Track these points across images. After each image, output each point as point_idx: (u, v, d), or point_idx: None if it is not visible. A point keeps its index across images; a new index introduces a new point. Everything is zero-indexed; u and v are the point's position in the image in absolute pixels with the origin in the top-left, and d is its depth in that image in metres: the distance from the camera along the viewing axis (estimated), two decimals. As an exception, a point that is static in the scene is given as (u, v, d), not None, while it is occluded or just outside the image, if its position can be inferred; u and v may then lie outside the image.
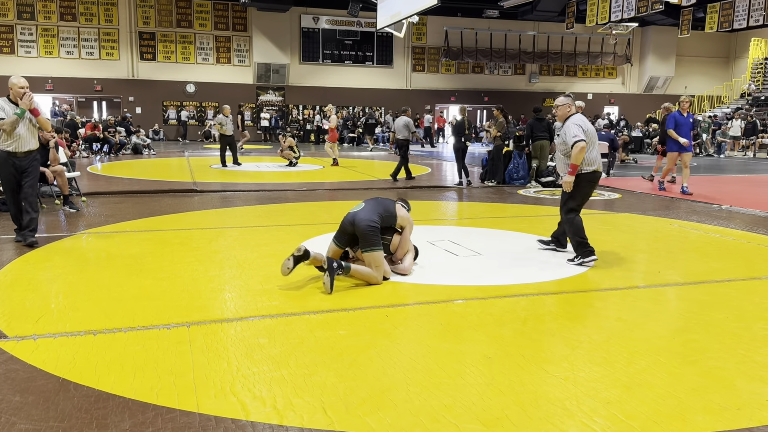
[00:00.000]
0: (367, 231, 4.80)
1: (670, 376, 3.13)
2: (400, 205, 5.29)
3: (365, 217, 4.85)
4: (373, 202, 5.12)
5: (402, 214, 5.17)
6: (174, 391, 2.89)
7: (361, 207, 5.03)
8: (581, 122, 5.48)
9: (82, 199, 9.02)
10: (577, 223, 5.55)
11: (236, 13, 28.20)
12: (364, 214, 4.89)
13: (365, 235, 4.80)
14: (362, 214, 4.89)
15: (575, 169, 5.41)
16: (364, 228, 4.80)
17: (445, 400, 2.82)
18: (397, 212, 5.12)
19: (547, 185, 11.81)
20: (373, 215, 4.89)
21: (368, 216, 4.86)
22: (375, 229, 4.82)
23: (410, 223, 5.24)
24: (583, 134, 5.37)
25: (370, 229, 4.80)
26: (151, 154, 19.26)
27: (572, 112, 5.60)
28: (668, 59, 33.10)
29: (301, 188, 11.20)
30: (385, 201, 5.21)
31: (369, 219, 4.84)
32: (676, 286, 4.94)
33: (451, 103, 31.55)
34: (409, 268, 5.12)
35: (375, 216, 4.89)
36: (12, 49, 25.78)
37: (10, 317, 3.89)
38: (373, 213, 4.92)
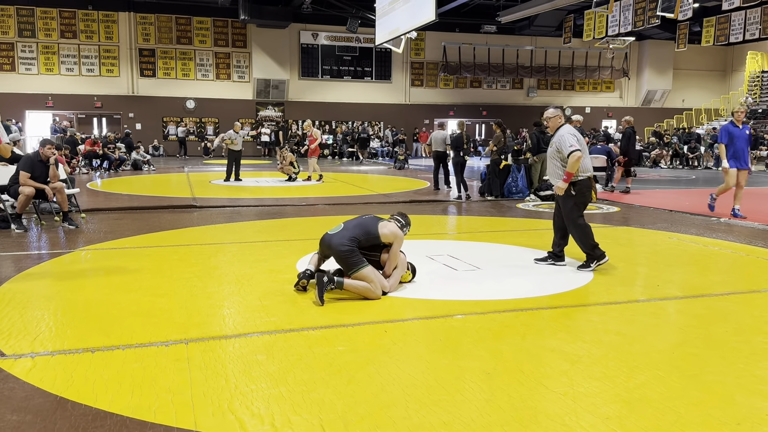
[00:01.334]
0: (342, 253, 4.75)
1: (670, 391, 3.12)
2: (389, 221, 5.09)
3: (339, 243, 4.77)
4: (353, 224, 4.97)
5: (386, 231, 4.94)
6: (172, 409, 2.88)
7: (338, 230, 4.92)
8: (575, 133, 5.75)
9: (82, 216, 9.03)
10: (587, 229, 5.81)
11: (236, 30, 28.40)
12: (338, 239, 4.80)
13: (343, 260, 4.77)
14: (336, 239, 4.81)
15: (570, 177, 5.64)
16: (339, 253, 4.76)
17: (444, 417, 2.81)
18: (380, 230, 4.92)
19: (546, 199, 11.82)
20: (347, 240, 4.78)
21: (342, 241, 4.77)
22: (351, 252, 4.74)
23: (398, 238, 4.99)
24: (577, 144, 5.62)
25: (344, 252, 4.74)
26: (151, 170, 19.29)
27: (562, 123, 5.93)
28: (665, 73, 33.31)
29: (300, 203, 11.21)
30: (367, 221, 5.02)
31: (342, 244, 4.76)
32: (675, 300, 4.94)
33: (450, 117, 31.66)
34: (394, 285, 4.96)
35: (349, 240, 4.78)
36: (13, 67, 25.93)
37: (8, 335, 3.88)
38: (348, 237, 4.80)
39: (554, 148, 5.80)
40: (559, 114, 5.95)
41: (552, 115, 5.94)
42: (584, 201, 5.84)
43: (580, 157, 5.57)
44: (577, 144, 5.60)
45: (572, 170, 5.60)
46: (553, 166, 5.89)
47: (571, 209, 5.79)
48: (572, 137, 5.64)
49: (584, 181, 5.74)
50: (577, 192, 5.74)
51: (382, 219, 5.11)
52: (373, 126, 30.95)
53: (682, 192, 14.17)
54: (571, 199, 5.76)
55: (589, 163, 5.81)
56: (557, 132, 5.85)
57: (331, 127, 30.02)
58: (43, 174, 8.15)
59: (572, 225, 5.84)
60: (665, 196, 12.46)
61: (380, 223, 5.01)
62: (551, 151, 5.85)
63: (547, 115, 5.97)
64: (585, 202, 5.86)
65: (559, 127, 5.88)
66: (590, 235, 5.80)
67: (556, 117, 5.93)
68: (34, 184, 7.99)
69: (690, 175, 20.07)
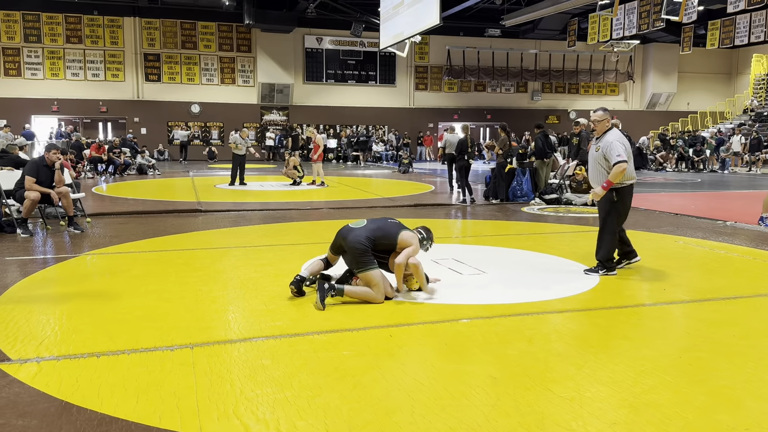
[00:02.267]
0: (355, 250, 4.71)
1: (678, 396, 3.10)
2: (411, 231, 5.00)
3: (355, 239, 4.74)
4: (376, 223, 4.95)
5: (405, 238, 4.86)
6: (177, 414, 2.87)
7: (360, 225, 4.90)
8: (623, 141, 5.61)
9: (87, 220, 9.05)
10: (615, 241, 5.82)
11: (240, 35, 28.48)
12: (356, 235, 4.76)
13: (353, 254, 4.73)
14: (354, 235, 4.78)
15: (609, 185, 5.54)
16: (352, 246, 4.72)
17: (450, 422, 2.80)
18: (399, 237, 4.86)
19: (551, 202, 11.80)
20: (363, 238, 4.74)
21: (359, 238, 4.74)
22: (363, 249, 4.70)
23: (412, 245, 4.86)
24: (625, 154, 5.49)
25: (358, 250, 4.70)
26: (156, 175, 19.34)
27: (610, 127, 5.73)
28: (670, 76, 33.25)
29: (305, 207, 11.21)
30: (390, 226, 4.95)
31: (358, 239, 4.73)
32: (682, 304, 4.91)
33: (454, 121, 31.64)
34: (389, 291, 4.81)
35: (366, 239, 4.74)
36: (19, 72, 26.07)
37: (14, 339, 3.88)
38: (365, 236, 4.76)
39: (600, 153, 5.63)
40: (607, 117, 5.74)
41: (600, 118, 5.73)
42: (625, 208, 5.76)
43: (625, 168, 5.47)
44: (625, 154, 5.48)
45: (614, 180, 5.50)
46: (596, 171, 5.74)
47: (610, 214, 5.71)
48: (621, 146, 5.50)
49: (627, 188, 5.67)
50: (619, 199, 5.65)
51: (407, 228, 5.00)
52: (377, 130, 30.97)
53: (687, 195, 14.12)
54: (611, 204, 5.67)
55: (633, 169, 5.69)
56: (605, 137, 5.66)
57: (335, 131, 30.06)
58: (48, 179, 8.17)
59: (606, 230, 5.77)
60: (671, 200, 12.41)
61: (403, 231, 4.92)
62: (597, 155, 5.68)
63: (595, 117, 5.77)
64: (626, 210, 5.78)
65: (606, 131, 5.69)
66: (615, 248, 5.82)
67: (604, 120, 5.72)
68: (39, 188, 8.01)
69: (695, 178, 20.01)
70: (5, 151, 10.60)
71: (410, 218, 9.95)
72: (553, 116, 33.03)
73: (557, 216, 10.28)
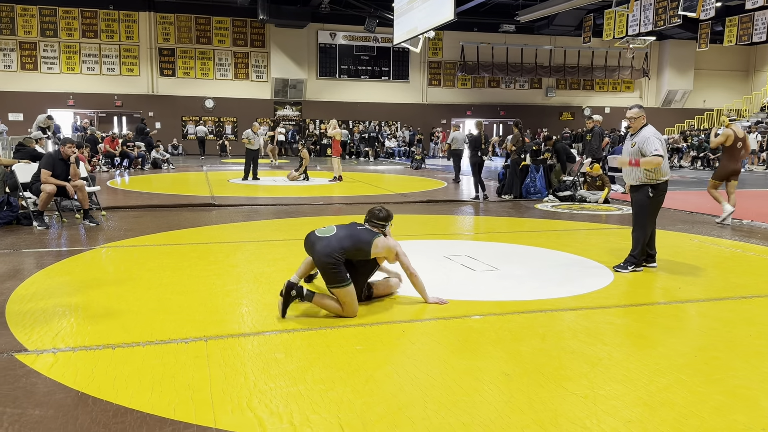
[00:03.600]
0: (326, 264, 4.20)
1: (693, 395, 3.08)
2: (379, 234, 4.51)
3: (325, 251, 4.21)
4: (345, 233, 4.36)
5: (379, 250, 4.40)
6: (191, 406, 2.89)
7: (328, 234, 4.33)
8: (660, 136, 5.73)
9: (102, 213, 9.12)
10: (648, 236, 5.87)
11: (254, 30, 28.54)
12: (325, 247, 4.23)
13: (326, 272, 4.23)
14: (322, 246, 4.25)
15: (638, 164, 5.68)
16: (324, 264, 4.21)
17: (464, 418, 2.79)
18: (372, 249, 4.36)
19: (565, 200, 11.73)
20: (335, 250, 4.21)
21: (329, 250, 4.20)
22: (336, 265, 4.18)
23: (391, 251, 4.47)
24: (661, 149, 5.62)
25: (329, 264, 4.19)
26: (170, 169, 19.46)
27: (645, 123, 5.86)
28: (686, 73, 32.93)
29: (318, 202, 11.23)
30: (362, 232, 4.44)
31: (328, 254, 4.19)
32: (697, 303, 4.87)
33: (467, 117, 31.58)
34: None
35: (338, 251, 4.22)
36: (35, 66, 26.28)
37: (31, 330, 3.92)
38: (336, 247, 4.23)
39: (636, 149, 5.76)
40: (643, 114, 5.88)
41: (636, 116, 5.86)
42: (658, 205, 5.89)
43: (660, 162, 5.61)
44: (661, 149, 5.61)
45: (645, 165, 5.63)
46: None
47: (644, 209, 5.82)
48: (657, 141, 5.64)
49: (662, 185, 5.79)
50: (655, 194, 5.76)
51: (377, 234, 4.50)
52: (390, 126, 30.95)
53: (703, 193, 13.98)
54: (647, 200, 5.77)
55: (668, 167, 5.83)
56: (641, 132, 5.81)
57: (348, 126, 30.08)
58: (64, 172, 8.24)
59: (639, 225, 5.87)
60: (686, 198, 12.30)
61: (375, 238, 4.41)
62: (632, 150, 5.81)
63: (631, 115, 5.90)
64: (659, 207, 5.91)
65: (642, 127, 5.85)
66: (646, 243, 5.88)
67: (640, 118, 5.86)
68: (55, 181, 8.09)
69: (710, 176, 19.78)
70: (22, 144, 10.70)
71: (423, 214, 9.93)
72: (567, 113, 32.84)
73: (571, 213, 10.22)
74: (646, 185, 5.76)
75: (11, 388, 3.06)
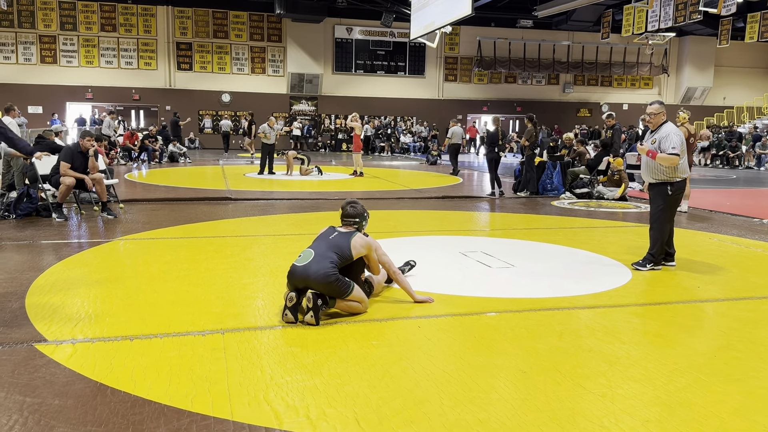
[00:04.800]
0: (330, 285, 4.05)
1: (712, 395, 3.04)
2: (355, 232, 4.43)
3: (322, 273, 4.05)
4: (325, 247, 4.23)
5: (358, 247, 4.30)
6: (208, 398, 2.91)
7: (310, 258, 4.15)
8: (680, 134, 5.69)
9: (120, 206, 9.19)
10: (667, 233, 5.87)
11: (271, 24, 28.58)
12: (318, 269, 4.06)
13: (330, 290, 4.07)
14: (315, 269, 4.06)
15: (655, 155, 5.64)
16: (325, 284, 4.04)
17: (480, 415, 2.78)
18: (352, 251, 4.25)
19: (582, 197, 11.65)
20: (329, 267, 4.08)
21: (324, 270, 4.06)
22: (337, 278, 4.07)
23: (370, 247, 4.38)
24: (680, 148, 5.60)
25: (332, 283, 4.05)
26: (187, 163, 19.58)
27: (665, 120, 5.84)
28: (706, 69, 32.50)
29: (334, 197, 11.24)
30: (338, 240, 4.30)
31: (327, 275, 4.05)
32: (716, 302, 4.81)
33: (483, 113, 31.43)
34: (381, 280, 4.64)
35: (332, 266, 4.10)
36: (54, 59, 26.52)
37: (50, 321, 3.96)
38: (328, 264, 4.10)
39: (656, 145, 5.73)
40: (663, 110, 5.87)
41: (657, 111, 5.85)
42: (676, 202, 5.89)
43: (677, 161, 5.59)
44: (680, 148, 5.59)
45: (662, 161, 5.61)
46: (650, 163, 5.82)
47: (662, 208, 5.80)
48: (677, 138, 5.61)
49: (680, 183, 5.76)
50: (673, 192, 5.74)
51: (351, 233, 4.40)
52: (405, 121, 30.89)
53: (722, 192, 13.83)
54: (665, 198, 5.76)
55: (686, 165, 5.84)
56: (661, 129, 5.79)
57: (364, 121, 30.06)
58: (82, 165, 8.31)
59: (657, 224, 5.83)
60: (704, 196, 12.15)
61: (352, 238, 4.32)
62: (653, 147, 5.78)
63: (651, 110, 5.88)
64: (676, 204, 5.92)
65: (661, 124, 5.83)
66: (664, 242, 5.85)
67: (660, 114, 5.85)
68: (73, 174, 8.16)
69: (730, 174, 19.58)
70: (42, 137, 10.81)
71: (439, 210, 9.91)
72: (584, 109, 32.57)
73: (588, 210, 10.15)
74: (665, 183, 5.72)
75: (31, 377, 3.10)
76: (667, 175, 5.69)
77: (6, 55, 26.01)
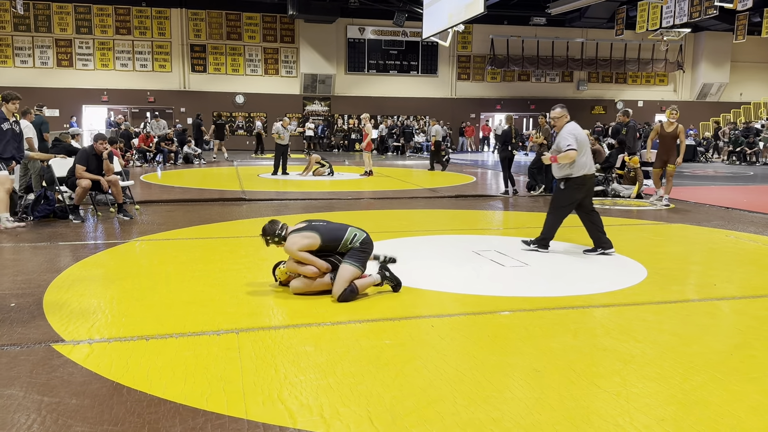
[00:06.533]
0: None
1: (729, 394, 3.01)
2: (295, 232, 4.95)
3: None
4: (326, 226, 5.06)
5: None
6: (223, 397, 2.93)
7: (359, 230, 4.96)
8: (576, 131, 6.19)
9: (136, 207, 9.27)
10: (555, 221, 6.41)
11: (284, 25, 28.67)
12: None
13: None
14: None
15: (555, 160, 6.18)
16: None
17: (493, 414, 2.78)
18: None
19: (597, 194, 11.56)
20: None
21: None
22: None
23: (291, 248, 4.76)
24: (575, 143, 6.07)
25: None
26: (202, 164, 19.70)
27: (567, 121, 6.35)
28: (722, 65, 32.13)
29: (347, 197, 11.26)
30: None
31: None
32: (733, 300, 4.76)
33: (497, 111, 31.29)
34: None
35: None
36: (70, 62, 26.79)
37: (68, 321, 4.01)
38: None
39: (554, 146, 6.30)
40: (564, 114, 6.36)
41: (559, 115, 6.37)
42: (571, 198, 6.28)
43: (574, 155, 6.04)
44: (575, 144, 6.04)
45: (561, 159, 6.10)
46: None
47: (557, 198, 6.42)
48: (572, 137, 6.09)
49: (576, 179, 6.19)
50: (566, 187, 6.25)
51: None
52: (418, 120, 30.86)
53: (739, 189, 13.68)
54: (559, 192, 6.36)
55: (587, 161, 6.22)
56: (561, 131, 6.27)
57: (377, 121, 30.09)
58: (97, 167, 8.39)
59: (551, 210, 6.47)
60: (721, 193, 12.03)
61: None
62: (553, 148, 6.35)
63: (554, 115, 6.41)
64: (571, 200, 6.30)
65: (564, 126, 6.29)
66: (555, 229, 6.41)
67: (562, 117, 6.35)
68: (89, 176, 8.25)
69: (747, 171, 19.35)
70: (58, 140, 10.94)
71: (452, 209, 9.89)
72: (599, 106, 32.33)
73: (603, 208, 10.07)
74: (562, 179, 6.26)
75: (49, 377, 3.14)
76: (566, 171, 6.16)
77: (23, 59, 26.32)
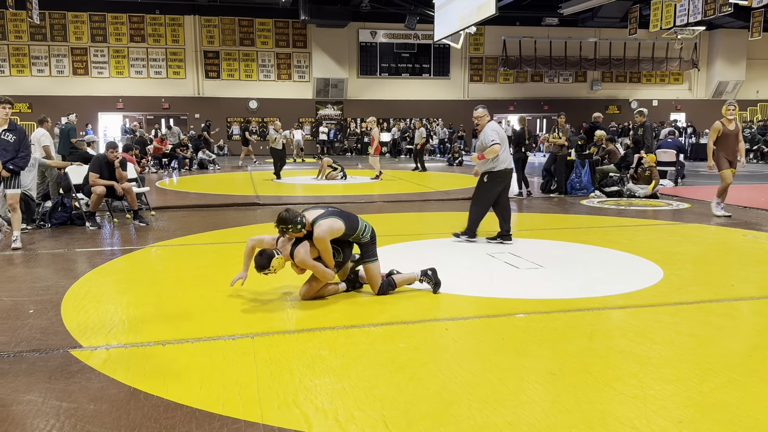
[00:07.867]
0: None
1: (748, 396, 2.98)
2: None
3: None
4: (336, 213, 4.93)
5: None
6: (239, 402, 2.94)
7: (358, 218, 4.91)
8: (497, 128, 6.72)
9: (152, 214, 9.35)
10: (481, 215, 6.93)
11: (296, 30, 28.81)
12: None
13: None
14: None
15: (482, 158, 6.70)
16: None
17: (509, 417, 2.77)
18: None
19: (612, 195, 11.50)
20: None
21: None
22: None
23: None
24: (498, 138, 6.59)
25: None
26: (216, 169, 19.84)
27: (488, 120, 6.85)
28: (738, 63, 31.80)
29: (360, 200, 11.28)
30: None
31: None
32: (751, 301, 4.71)
33: (510, 112, 31.19)
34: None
35: None
36: (86, 71, 27.11)
37: (85, 327, 4.05)
38: None
39: (479, 143, 6.84)
40: (486, 114, 6.85)
41: (481, 115, 6.83)
42: (491, 190, 6.79)
43: (498, 149, 6.56)
44: (498, 138, 6.56)
45: (487, 155, 6.62)
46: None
47: (479, 192, 6.92)
48: (494, 133, 6.62)
49: (498, 173, 6.74)
50: (489, 180, 6.79)
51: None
52: (431, 123, 30.83)
53: (756, 187, 13.53)
54: (482, 184, 6.86)
55: (507, 156, 6.83)
56: (484, 129, 6.75)
57: (389, 124, 30.12)
58: (111, 175, 8.47)
59: (474, 203, 6.98)
60: (738, 192, 11.90)
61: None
62: (479, 146, 6.85)
63: (477, 114, 6.85)
64: (492, 193, 6.80)
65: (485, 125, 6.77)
66: (479, 219, 6.91)
67: (484, 116, 6.83)
68: (103, 182, 8.32)
69: (764, 169, 19.13)
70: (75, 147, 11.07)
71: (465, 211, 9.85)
72: (613, 106, 32.12)
73: (618, 209, 10.01)
74: (485, 172, 6.78)
75: (67, 383, 3.18)
76: (489, 165, 6.70)
77: (40, 68, 26.67)
